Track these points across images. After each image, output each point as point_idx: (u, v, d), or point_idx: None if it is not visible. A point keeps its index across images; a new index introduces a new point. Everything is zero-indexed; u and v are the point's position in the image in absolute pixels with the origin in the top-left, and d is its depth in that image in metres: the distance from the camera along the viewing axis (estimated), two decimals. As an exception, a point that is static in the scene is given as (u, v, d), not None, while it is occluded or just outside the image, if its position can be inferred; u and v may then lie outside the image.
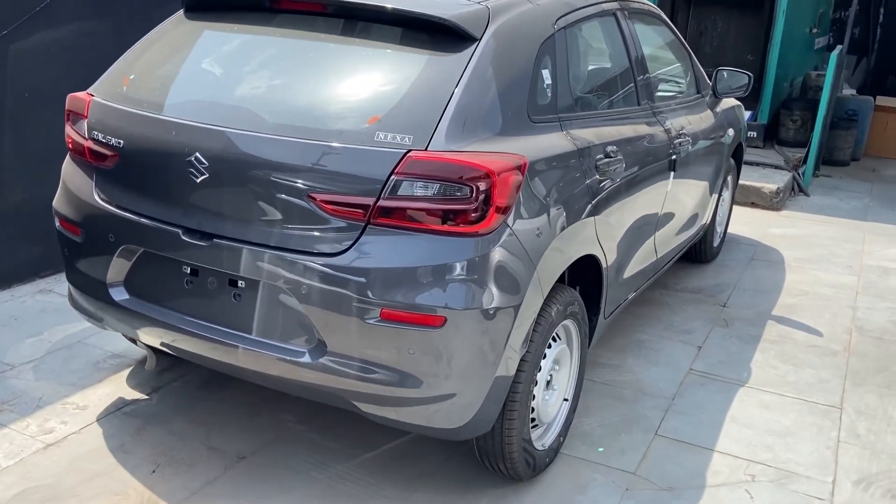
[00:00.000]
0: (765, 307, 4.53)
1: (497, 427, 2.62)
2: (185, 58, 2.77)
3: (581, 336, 3.01)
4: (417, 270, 2.30)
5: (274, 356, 2.48)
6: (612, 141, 3.00)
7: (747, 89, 4.38)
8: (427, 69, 2.46)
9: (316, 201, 2.33)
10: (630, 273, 3.43)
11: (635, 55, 3.47)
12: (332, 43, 2.63)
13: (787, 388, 3.63)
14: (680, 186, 3.89)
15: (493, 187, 2.29)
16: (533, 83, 2.65)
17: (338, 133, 2.34)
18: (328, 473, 2.88)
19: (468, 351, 2.35)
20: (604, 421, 3.29)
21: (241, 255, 2.44)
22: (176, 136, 2.52)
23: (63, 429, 3.07)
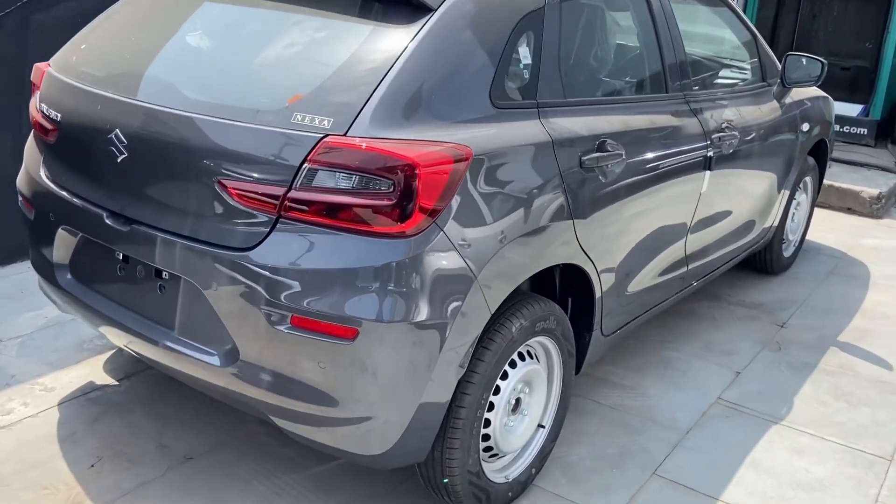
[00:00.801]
0: (831, 330, 3.95)
1: (436, 456, 2.29)
2: (131, 28, 2.57)
3: (564, 356, 2.63)
4: (329, 274, 2.00)
5: (190, 356, 2.25)
6: (610, 133, 2.58)
7: (819, 79, 3.80)
8: (367, 43, 2.15)
9: (226, 189, 2.06)
10: (642, 286, 2.99)
11: (666, 35, 3.01)
12: (276, 11, 2.35)
13: (832, 431, 3.10)
14: (722, 187, 3.40)
15: (418, 181, 1.95)
16: (503, 63, 2.28)
17: (253, 113, 2.07)
18: (270, 485, 2.64)
19: (385, 370, 2.04)
20: (597, 451, 2.90)
21: (157, 244, 2.22)
22: (100, 110, 2.32)
23: (22, 410, 2.97)
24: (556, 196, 2.34)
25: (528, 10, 2.39)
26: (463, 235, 2.07)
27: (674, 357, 3.60)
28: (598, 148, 2.51)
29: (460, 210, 2.07)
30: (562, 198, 2.36)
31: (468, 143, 2.09)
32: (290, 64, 2.21)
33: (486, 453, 2.48)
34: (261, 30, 2.34)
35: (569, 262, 2.49)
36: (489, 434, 2.42)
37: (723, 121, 3.29)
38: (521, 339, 2.37)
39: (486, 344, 2.27)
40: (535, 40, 2.41)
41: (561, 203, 2.36)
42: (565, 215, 2.38)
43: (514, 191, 2.21)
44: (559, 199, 2.35)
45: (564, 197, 2.37)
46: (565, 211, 2.38)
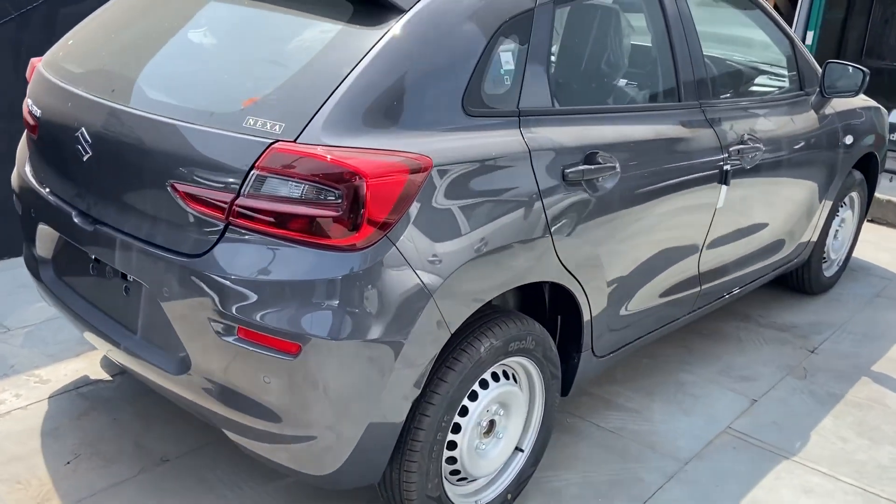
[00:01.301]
0: (866, 359, 3.69)
1: (394, 478, 2.19)
2: (112, 27, 2.53)
3: (546, 378, 2.49)
4: (274, 285, 1.91)
5: (149, 362, 2.20)
6: (602, 144, 2.43)
7: (860, 89, 3.53)
8: (331, 45, 2.06)
9: (178, 193, 2.00)
10: (641, 307, 2.82)
11: (681, 40, 2.83)
12: (247, 12, 2.29)
13: (847, 470, 2.87)
14: (745, 202, 3.19)
15: (366, 192, 1.85)
16: (480, 69, 2.15)
17: (208, 115, 2.00)
18: (238, 493, 2.58)
19: (330, 389, 1.94)
20: (587, 478, 2.75)
21: (117, 245, 2.18)
22: (70, 108, 2.29)
23: (13, 402, 2.99)
24: (531, 211, 2.20)
25: (514, 14, 2.26)
26: (419, 250, 1.96)
27: (688, 380, 3.41)
28: (585, 160, 2.36)
29: (417, 223, 1.96)
30: (539, 213, 2.22)
31: (429, 154, 1.97)
32: (251, 65, 2.14)
33: (454, 476, 2.37)
34: (228, 31, 2.28)
35: (548, 280, 2.35)
36: (456, 457, 2.30)
37: (745, 132, 3.08)
38: (492, 359, 2.25)
39: (450, 364, 2.15)
40: (521, 45, 2.27)
41: (538, 219, 2.22)
42: (542, 232, 2.24)
43: (481, 205, 2.08)
44: (535, 214, 2.21)
45: (542, 212, 2.23)
46: (543, 227, 2.24)
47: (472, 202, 2.07)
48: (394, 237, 1.92)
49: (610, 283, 2.59)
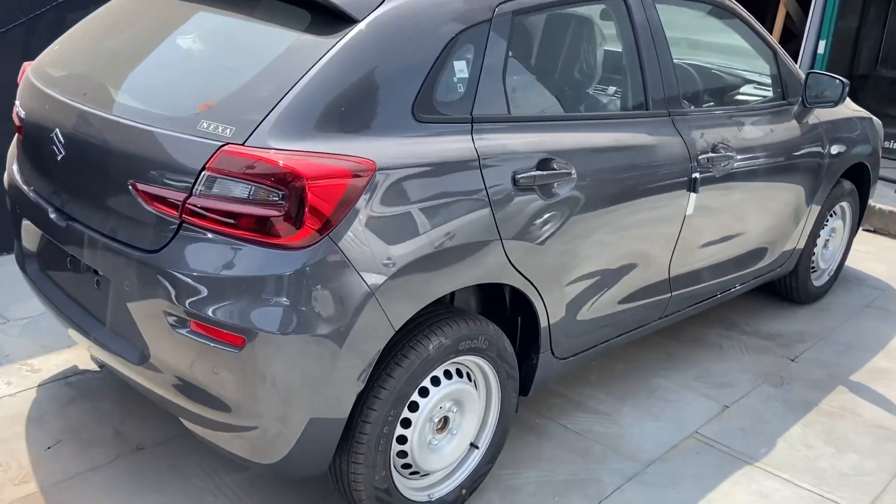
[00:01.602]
0: (845, 368, 3.70)
1: (343, 469, 2.28)
2: (92, 34, 2.67)
3: (501, 377, 2.56)
4: (222, 281, 2.02)
5: (114, 352, 2.32)
6: (558, 151, 2.50)
7: (840, 100, 3.55)
8: (286, 53, 2.16)
9: (138, 191, 2.12)
10: (607, 310, 2.88)
11: (650, 51, 2.88)
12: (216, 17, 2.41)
13: (808, 476, 2.90)
14: (719, 210, 3.23)
15: (307, 193, 1.94)
16: (432, 77, 2.24)
17: (166, 118, 2.11)
18: (208, 483, 2.69)
19: (273, 381, 2.04)
20: (546, 477, 2.81)
21: (85, 240, 2.30)
22: (49, 110, 2.42)
23: (3, 389, 3.14)
24: (478, 215, 2.28)
25: (470, 24, 2.34)
26: (362, 250, 2.05)
27: (662, 385, 3.46)
28: (538, 166, 2.43)
29: (360, 224, 2.05)
30: (488, 217, 2.30)
31: (373, 158, 2.06)
32: (209, 72, 2.25)
33: (407, 470, 2.45)
34: (193, 40, 2.39)
35: (499, 283, 2.42)
36: (407, 451, 2.39)
37: (718, 141, 3.12)
38: (441, 357, 2.33)
39: (397, 360, 2.24)
40: (476, 54, 2.35)
41: (486, 222, 2.30)
42: (491, 235, 2.31)
43: (427, 207, 2.17)
44: (483, 218, 2.29)
45: (491, 216, 2.31)
46: (491, 231, 2.31)
47: (417, 205, 2.15)
48: (336, 237, 2.01)
49: (567, 286, 2.65)
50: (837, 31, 7.19)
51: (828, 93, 3.55)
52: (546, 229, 2.50)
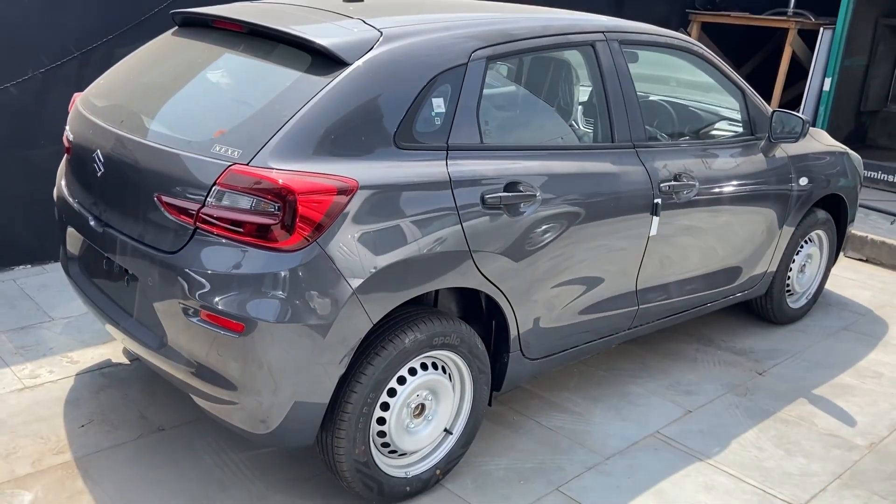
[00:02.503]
0: (809, 383, 3.99)
1: (327, 442, 2.67)
2: (130, 69, 3.13)
3: (473, 371, 2.93)
4: (227, 278, 2.43)
5: (139, 339, 2.74)
6: (525, 175, 2.88)
7: (800, 135, 3.89)
8: (289, 90, 2.59)
9: (162, 202, 2.55)
10: (574, 318, 3.23)
11: (616, 91, 3.26)
12: (236, 58, 2.85)
13: (754, 474, 3.21)
14: (682, 232, 3.57)
15: (298, 205, 2.36)
16: (412, 111, 2.65)
17: (187, 143, 2.55)
18: (217, 459, 3.09)
19: (266, 362, 2.44)
20: (515, 465, 3.16)
21: (118, 244, 2.74)
22: (92, 134, 2.88)
23: (46, 376, 3.59)
24: (448, 228, 2.66)
25: (447, 67, 2.75)
26: (344, 254, 2.45)
27: (634, 391, 3.79)
28: (505, 188, 2.81)
29: (344, 232, 2.45)
30: (457, 230, 2.68)
31: (357, 177, 2.47)
32: (225, 104, 2.68)
33: (386, 448, 2.82)
34: (214, 76, 2.83)
35: (470, 287, 2.80)
36: (385, 431, 2.76)
37: (680, 171, 3.48)
38: (416, 350, 2.71)
39: (377, 350, 2.62)
40: (453, 92, 2.76)
41: (455, 234, 2.68)
42: (460, 246, 2.70)
43: (402, 220, 2.56)
44: (453, 231, 2.67)
45: (461, 230, 2.69)
46: (460, 242, 2.70)
47: (394, 218, 2.55)
48: (323, 243, 2.42)
49: (535, 295, 3.02)
50: (845, 70, 7.49)
51: (791, 129, 3.89)
52: (514, 244, 2.87)
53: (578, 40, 3.21)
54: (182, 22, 3.26)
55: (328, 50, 2.60)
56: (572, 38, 3.19)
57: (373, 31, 2.72)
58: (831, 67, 7.46)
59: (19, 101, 4.50)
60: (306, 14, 2.96)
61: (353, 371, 2.60)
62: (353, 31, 2.73)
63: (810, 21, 7.67)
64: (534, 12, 3.34)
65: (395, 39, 2.71)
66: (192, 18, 3.17)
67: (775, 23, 7.81)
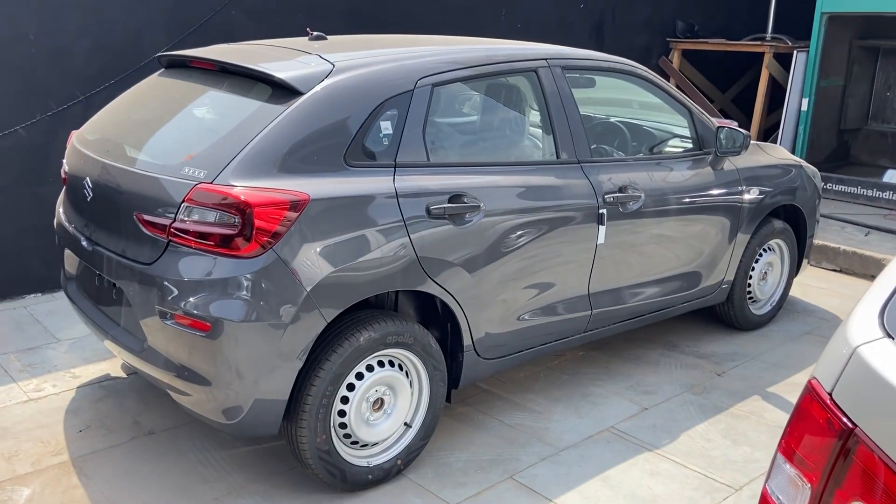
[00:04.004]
0: (765, 382, 4.21)
1: (291, 432, 2.95)
2: (126, 105, 3.51)
3: (429, 369, 3.21)
4: (195, 283, 2.75)
5: (124, 344, 3.06)
6: (469, 188, 3.18)
7: (742, 147, 4.17)
8: (251, 117, 2.93)
9: (140, 220, 2.88)
10: (527, 322, 3.51)
11: (559, 111, 3.57)
12: (210, 93, 3.21)
13: (698, 462, 3.44)
14: (631, 240, 3.85)
15: (254, 217, 2.68)
16: (361, 133, 2.98)
17: (161, 166, 2.89)
18: (200, 457, 3.39)
19: (231, 357, 2.74)
20: (474, 457, 3.42)
21: (104, 260, 3.07)
22: (82, 164, 3.24)
23: (50, 389, 3.92)
24: (395, 236, 2.97)
25: (394, 94, 3.08)
26: (298, 260, 2.76)
27: (595, 392, 4.04)
28: (450, 200, 3.12)
29: (298, 240, 2.76)
30: (403, 238, 2.99)
31: (308, 192, 2.79)
32: (196, 132, 3.03)
33: (348, 440, 3.10)
34: (187, 108, 3.18)
35: (418, 290, 3.09)
36: (346, 423, 3.04)
37: (625, 183, 3.76)
38: (371, 347, 3.00)
39: (334, 347, 2.92)
40: (400, 116, 3.09)
41: (402, 242, 2.98)
42: (406, 252, 3.00)
43: (351, 229, 2.87)
44: (399, 238, 2.98)
45: (407, 238, 3.00)
46: (407, 248, 3.00)
47: (344, 227, 2.86)
48: (279, 249, 2.73)
49: (484, 298, 3.31)
50: (823, 90, 7.76)
51: (734, 143, 4.17)
52: (461, 251, 3.17)
53: (522, 67, 3.54)
54: (167, 64, 3.63)
55: (285, 81, 2.94)
56: (516, 66, 3.52)
57: (327, 65, 3.06)
58: (807, 88, 7.74)
59: (28, 141, 4.91)
60: (272, 52, 3.32)
61: (313, 366, 2.89)
62: (309, 64, 3.08)
63: (785, 45, 7.97)
64: (481, 43, 3.68)
65: (347, 71, 3.05)
66: (174, 60, 3.54)
67: (751, 48, 8.12)
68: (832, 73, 7.94)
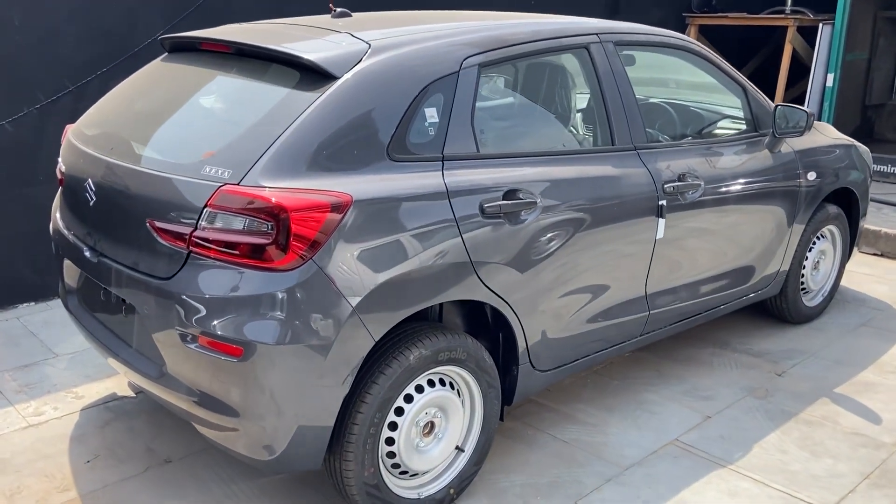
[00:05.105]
0: (830, 383, 3.88)
1: (335, 466, 2.59)
2: (128, 95, 3.10)
3: (482, 386, 2.85)
4: (223, 301, 2.37)
5: (138, 369, 2.68)
6: (523, 182, 2.81)
7: (806, 128, 3.81)
8: (278, 107, 2.54)
9: (154, 228, 2.50)
10: (583, 328, 3.15)
11: (613, 93, 3.20)
12: (225, 80, 2.81)
13: (779, 478, 3.10)
14: (690, 234, 3.49)
15: (291, 223, 2.30)
16: (405, 122, 2.59)
17: (177, 166, 2.50)
18: (225, 489, 3.02)
19: (266, 387, 2.37)
20: (531, 480, 3.07)
21: (113, 273, 2.68)
22: (83, 164, 2.83)
23: (50, 413, 3.53)
24: (448, 240, 2.59)
25: (438, 77, 2.70)
26: (342, 271, 2.38)
27: (650, 399, 3.69)
28: (505, 196, 2.75)
29: (341, 248, 2.38)
30: (457, 242, 2.61)
31: (351, 192, 2.41)
32: (214, 124, 2.64)
33: (396, 469, 2.74)
34: (200, 98, 2.79)
35: (473, 300, 2.73)
36: (395, 451, 2.68)
37: (684, 171, 3.40)
38: (422, 367, 2.63)
39: (381, 369, 2.55)
40: (446, 101, 2.70)
41: (455, 246, 2.61)
42: (461, 257, 2.63)
43: (399, 234, 2.50)
44: (453, 242, 2.60)
45: (461, 241, 2.62)
46: (461, 253, 2.63)
47: (391, 232, 2.48)
48: (319, 260, 2.35)
49: (542, 305, 2.94)
50: (847, 64, 7.41)
51: (795, 123, 3.81)
52: (517, 253, 2.80)
53: (572, 43, 3.16)
54: (171, 48, 3.22)
55: (316, 64, 2.55)
56: (565, 42, 3.14)
57: (361, 44, 2.67)
58: (833, 63, 7.39)
59: (15, 138, 4.48)
60: (293, 31, 2.93)
61: (358, 391, 2.53)
62: (340, 44, 2.69)
63: (809, 17, 7.61)
64: (525, 18, 3.29)
65: (384, 51, 2.66)
66: (180, 43, 3.14)
67: (774, 21, 7.75)
68: (857, 47, 7.59)
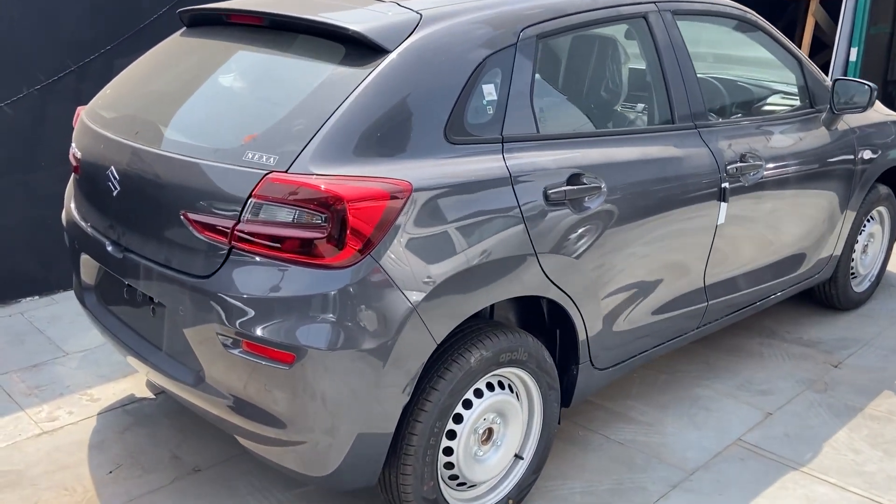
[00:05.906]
0: (890, 374, 3.67)
1: (392, 480, 2.36)
2: (139, 76, 2.82)
3: (543, 388, 2.62)
4: (270, 302, 2.12)
5: (171, 375, 2.44)
6: (587, 166, 2.57)
7: (868, 104, 3.58)
8: (323, 84, 2.28)
9: (189, 221, 2.24)
10: (643, 321, 2.93)
11: (673, 67, 2.96)
12: (258, 55, 2.54)
13: (856, 481, 2.90)
14: (751, 219, 3.26)
15: (348, 215, 2.05)
16: (462, 101, 2.34)
17: (213, 151, 2.24)
18: (260, 499, 2.78)
19: (322, 396, 2.13)
20: (591, 487, 2.85)
21: (141, 270, 2.43)
22: (103, 149, 2.57)
23: (66, 418, 3.28)
24: (512, 230, 2.35)
25: (496, 49, 2.44)
26: (402, 267, 2.14)
27: (704, 395, 3.47)
28: (569, 181, 2.51)
29: (400, 242, 2.14)
30: (521, 232, 2.38)
31: (410, 179, 2.16)
32: (253, 106, 2.38)
33: (454, 481, 2.51)
34: (236, 76, 2.52)
35: (537, 294, 2.49)
36: (453, 462, 2.45)
37: (745, 151, 3.17)
38: (483, 369, 2.40)
39: (441, 373, 2.32)
40: (504, 78, 2.45)
41: (520, 237, 2.37)
42: (525, 249, 2.39)
43: (462, 224, 2.25)
44: (517, 233, 2.36)
45: (525, 231, 2.39)
46: (526, 245, 2.39)
47: (453, 223, 2.24)
48: (377, 255, 2.11)
49: (604, 298, 2.71)
50: (870, 38, 7.18)
51: (856, 98, 3.58)
52: (580, 243, 2.57)
53: (630, 12, 2.90)
54: (190, 21, 2.94)
55: (364, 37, 2.29)
56: (623, 11, 2.88)
57: (411, 14, 2.41)
58: (857, 36, 7.15)
59: (15, 121, 4.20)
60: (334, 0, 2.66)
61: (417, 398, 2.29)
62: (387, 14, 2.42)
63: (832, -10, 7.35)
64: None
65: (436, 21, 2.40)
66: (201, 16, 2.86)
67: (797, -7, 7.50)
68: (879, 20, 7.35)
